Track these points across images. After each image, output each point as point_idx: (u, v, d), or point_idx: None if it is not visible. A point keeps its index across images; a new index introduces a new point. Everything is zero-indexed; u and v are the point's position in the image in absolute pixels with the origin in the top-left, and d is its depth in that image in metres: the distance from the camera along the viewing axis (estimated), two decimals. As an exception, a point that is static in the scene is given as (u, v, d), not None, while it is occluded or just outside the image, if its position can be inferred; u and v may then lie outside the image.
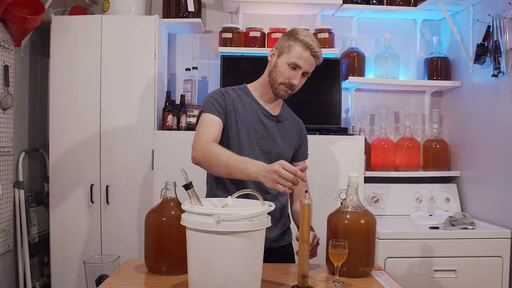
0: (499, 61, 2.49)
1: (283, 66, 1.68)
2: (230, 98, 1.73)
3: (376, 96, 3.19)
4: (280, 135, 1.77)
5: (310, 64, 1.68)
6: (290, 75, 1.68)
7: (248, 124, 1.72)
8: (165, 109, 2.75)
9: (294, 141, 1.84)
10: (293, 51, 1.67)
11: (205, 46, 3.15)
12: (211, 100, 1.71)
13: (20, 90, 2.75)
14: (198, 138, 1.62)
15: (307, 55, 1.66)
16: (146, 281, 1.44)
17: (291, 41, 1.68)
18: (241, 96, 1.76)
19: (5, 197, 2.58)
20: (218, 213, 1.21)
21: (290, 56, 1.67)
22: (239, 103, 1.74)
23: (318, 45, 1.68)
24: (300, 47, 1.66)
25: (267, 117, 1.76)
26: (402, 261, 2.43)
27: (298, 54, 1.66)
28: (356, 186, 1.53)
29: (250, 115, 1.73)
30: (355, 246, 1.46)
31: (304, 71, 1.68)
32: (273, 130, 1.76)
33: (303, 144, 1.90)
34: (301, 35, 1.67)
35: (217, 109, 1.69)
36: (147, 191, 2.64)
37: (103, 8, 2.81)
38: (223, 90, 1.76)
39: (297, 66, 1.67)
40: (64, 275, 2.66)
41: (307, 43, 1.65)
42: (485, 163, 2.71)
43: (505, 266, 2.44)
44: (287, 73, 1.68)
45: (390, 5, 2.98)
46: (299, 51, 1.66)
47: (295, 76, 1.68)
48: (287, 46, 1.69)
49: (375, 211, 2.75)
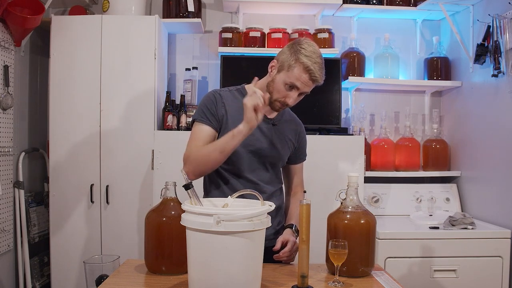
0: (499, 61, 2.49)
1: (280, 84, 1.63)
2: (223, 100, 1.70)
3: (376, 96, 3.19)
4: (275, 138, 1.75)
5: (309, 86, 1.63)
6: (286, 94, 1.63)
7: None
8: (165, 109, 2.75)
9: (291, 143, 1.82)
10: (292, 72, 1.60)
11: (205, 46, 3.15)
12: (203, 107, 1.69)
13: (20, 90, 2.75)
14: (187, 152, 1.65)
15: (306, 78, 1.60)
16: (146, 281, 1.44)
17: (292, 59, 1.60)
18: (237, 97, 1.72)
19: (5, 197, 2.58)
20: (218, 213, 1.21)
21: (288, 75, 1.61)
22: (233, 105, 1.70)
23: (320, 67, 1.61)
24: (300, 69, 1.59)
25: (263, 120, 1.71)
26: (402, 261, 2.43)
27: (297, 76, 1.59)
28: (356, 186, 1.53)
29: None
30: (355, 246, 1.46)
31: (302, 92, 1.64)
32: (269, 133, 1.74)
33: (301, 147, 1.87)
34: (304, 55, 1.58)
35: (208, 117, 1.67)
36: (147, 191, 2.64)
37: (103, 8, 2.81)
38: (216, 93, 1.73)
39: (294, 87, 1.62)
40: (64, 275, 2.66)
41: (307, 67, 1.58)
42: (485, 163, 2.71)
43: (505, 266, 2.44)
44: (283, 92, 1.63)
45: (390, 5, 2.98)
46: (298, 73, 1.59)
47: (291, 96, 1.63)
48: (287, 65, 1.61)
49: (375, 211, 2.75)
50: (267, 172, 1.75)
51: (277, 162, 1.79)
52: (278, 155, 1.76)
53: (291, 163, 1.87)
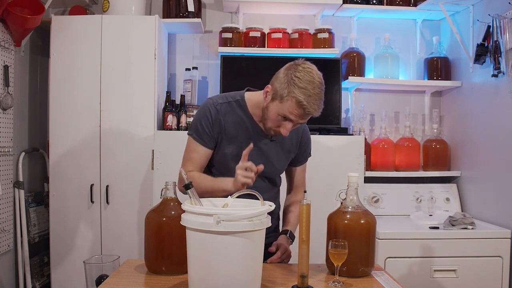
0: (499, 61, 2.49)
1: (273, 114, 1.54)
2: (219, 117, 1.63)
3: (376, 96, 3.19)
4: (273, 154, 1.70)
5: (304, 119, 1.54)
6: (279, 124, 1.56)
7: (238, 143, 1.64)
8: (165, 109, 2.75)
9: (291, 153, 1.77)
10: (285, 104, 1.50)
11: (205, 46, 3.15)
12: (199, 124, 1.64)
13: (20, 90, 2.75)
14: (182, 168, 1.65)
15: (301, 112, 1.50)
16: (146, 281, 1.44)
17: (285, 91, 1.49)
18: (235, 110, 1.66)
19: (5, 197, 2.58)
20: (218, 213, 1.21)
21: (281, 107, 1.51)
22: (230, 119, 1.64)
23: (317, 98, 1.48)
24: (293, 103, 1.48)
25: (260, 135, 1.67)
26: (402, 261, 2.43)
27: (290, 110, 1.50)
28: (356, 186, 1.52)
29: (242, 133, 1.65)
30: (355, 246, 1.46)
31: (296, 123, 1.56)
32: (266, 149, 1.68)
33: (302, 151, 1.81)
34: (297, 88, 1.47)
35: (203, 137, 1.63)
36: (147, 191, 2.64)
37: (103, 8, 2.81)
38: (213, 107, 1.64)
39: (288, 119, 1.53)
40: (64, 275, 2.66)
41: (300, 102, 1.47)
42: (485, 163, 2.71)
43: (505, 266, 2.44)
44: (277, 122, 1.55)
45: (390, 5, 2.98)
46: (291, 106, 1.49)
47: (284, 126, 1.55)
48: (280, 96, 1.50)
49: (375, 211, 2.74)
50: (263, 182, 1.72)
51: (273, 175, 1.76)
52: (274, 171, 1.73)
53: (292, 165, 1.84)
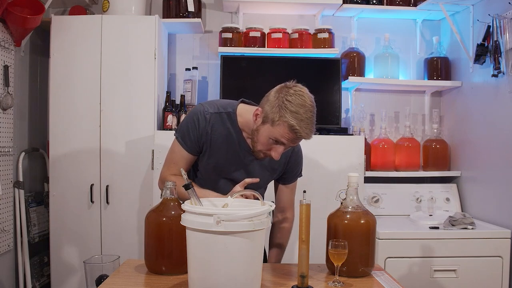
0: (499, 61, 2.49)
1: (264, 137, 1.51)
2: (207, 128, 1.60)
3: (376, 96, 3.19)
4: (258, 171, 1.67)
5: (295, 142, 1.53)
6: (270, 148, 1.53)
7: (222, 155, 1.63)
8: (165, 109, 2.75)
9: (277, 172, 1.74)
10: (276, 128, 1.47)
11: (205, 46, 3.15)
12: (185, 129, 1.63)
13: (20, 90, 2.75)
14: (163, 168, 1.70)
15: (292, 136, 1.47)
16: (146, 281, 1.44)
17: (276, 115, 1.46)
18: (225, 122, 1.62)
19: (5, 197, 2.58)
20: (218, 213, 1.21)
21: (272, 131, 1.48)
22: (218, 130, 1.61)
23: (308, 122, 1.46)
24: (284, 127, 1.46)
25: (246, 151, 1.63)
26: (402, 261, 2.43)
27: (281, 134, 1.47)
28: (356, 186, 1.52)
29: (228, 147, 1.63)
30: (355, 246, 1.46)
31: (288, 146, 1.53)
32: (252, 168, 1.65)
33: (290, 171, 1.76)
34: (289, 112, 1.44)
35: (188, 143, 1.62)
36: (147, 191, 2.64)
37: (103, 8, 2.81)
38: (202, 115, 1.61)
39: (279, 142, 1.50)
40: (64, 275, 2.66)
41: (292, 126, 1.44)
42: (485, 163, 2.71)
43: (505, 266, 2.44)
44: (267, 145, 1.52)
45: (390, 5, 2.98)
46: (283, 131, 1.47)
47: (275, 149, 1.52)
48: (271, 120, 1.47)
49: (375, 211, 2.74)
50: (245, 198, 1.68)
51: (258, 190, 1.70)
52: (259, 186, 1.70)
53: (279, 183, 1.80)
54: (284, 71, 2.83)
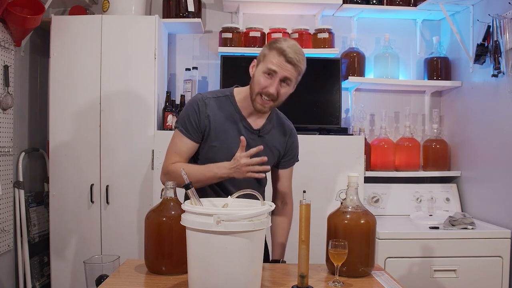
0: (499, 61, 2.49)
1: (259, 75, 1.63)
2: (207, 111, 1.67)
3: (376, 96, 3.19)
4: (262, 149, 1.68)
5: (287, 70, 1.60)
6: (266, 84, 1.61)
7: (226, 137, 1.68)
8: (165, 109, 2.75)
9: (277, 152, 1.78)
10: (267, 58, 1.61)
11: (205, 46, 3.15)
12: (186, 117, 1.68)
13: (20, 90, 2.75)
14: (165, 161, 1.71)
15: (282, 61, 1.59)
16: (146, 281, 1.44)
17: (266, 49, 1.64)
18: (223, 105, 1.71)
19: (5, 197, 2.58)
20: (218, 213, 1.21)
21: (265, 63, 1.62)
22: (218, 113, 1.69)
23: (297, 52, 1.60)
24: (274, 53, 1.60)
25: (248, 130, 1.70)
26: (402, 261, 2.43)
27: (272, 60, 1.60)
28: (356, 186, 1.52)
29: (229, 128, 1.69)
30: (355, 246, 1.46)
31: (282, 77, 1.60)
32: (254, 145, 1.66)
33: (289, 153, 1.82)
34: (277, 43, 1.61)
35: (189, 130, 1.67)
36: (147, 191, 2.64)
37: (103, 8, 2.81)
38: (201, 100, 1.69)
39: (272, 72, 1.60)
40: (64, 275, 2.66)
41: (281, 49, 1.59)
42: (485, 163, 2.71)
43: (505, 266, 2.44)
44: (263, 82, 1.61)
45: (390, 5, 2.98)
46: (273, 57, 1.60)
47: (271, 84, 1.60)
48: (263, 55, 1.64)
49: (375, 211, 2.75)
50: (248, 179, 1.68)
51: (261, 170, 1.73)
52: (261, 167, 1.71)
53: (277, 167, 1.84)
54: (284, 71, 2.82)
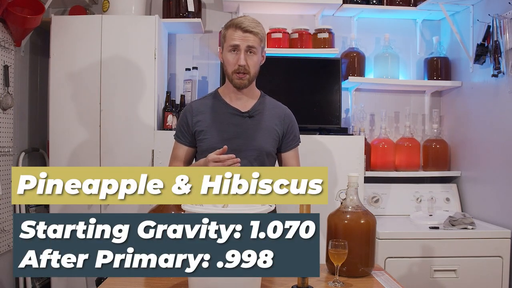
0: (499, 61, 2.48)
1: (226, 56, 1.73)
2: (194, 115, 1.80)
3: (376, 96, 3.19)
4: (253, 130, 1.76)
5: (247, 39, 1.69)
6: (234, 60, 1.71)
7: (219, 130, 1.75)
8: (165, 109, 2.75)
9: (274, 132, 1.80)
10: (227, 37, 1.72)
11: (205, 46, 3.15)
12: (178, 126, 1.85)
13: (20, 90, 2.75)
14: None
15: (240, 33, 1.69)
16: (146, 281, 1.44)
17: (223, 30, 1.75)
18: (209, 101, 1.83)
19: (5, 197, 2.58)
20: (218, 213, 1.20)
21: (227, 43, 1.72)
22: (207, 111, 1.80)
23: (250, 20, 1.70)
24: (231, 30, 1.70)
25: (237, 115, 1.78)
26: (402, 261, 2.43)
27: (232, 36, 1.70)
28: (356, 186, 1.53)
29: (220, 119, 1.78)
30: (355, 246, 1.46)
31: (245, 48, 1.70)
32: (246, 127, 1.76)
33: (289, 133, 1.85)
34: (231, 21, 1.72)
35: (181, 137, 1.82)
36: (147, 191, 2.64)
37: (103, 8, 2.81)
38: (188, 107, 1.85)
39: (235, 47, 1.70)
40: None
41: (235, 23, 1.69)
42: (485, 163, 2.71)
43: (505, 266, 2.44)
44: (231, 59, 1.71)
45: (390, 5, 2.98)
46: (231, 33, 1.70)
47: (238, 57, 1.70)
48: (223, 37, 1.75)
49: (375, 211, 2.74)
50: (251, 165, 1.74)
51: (261, 154, 1.77)
52: (259, 147, 1.76)
53: (281, 151, 1.86)
54: (284, 71, 2.82)
